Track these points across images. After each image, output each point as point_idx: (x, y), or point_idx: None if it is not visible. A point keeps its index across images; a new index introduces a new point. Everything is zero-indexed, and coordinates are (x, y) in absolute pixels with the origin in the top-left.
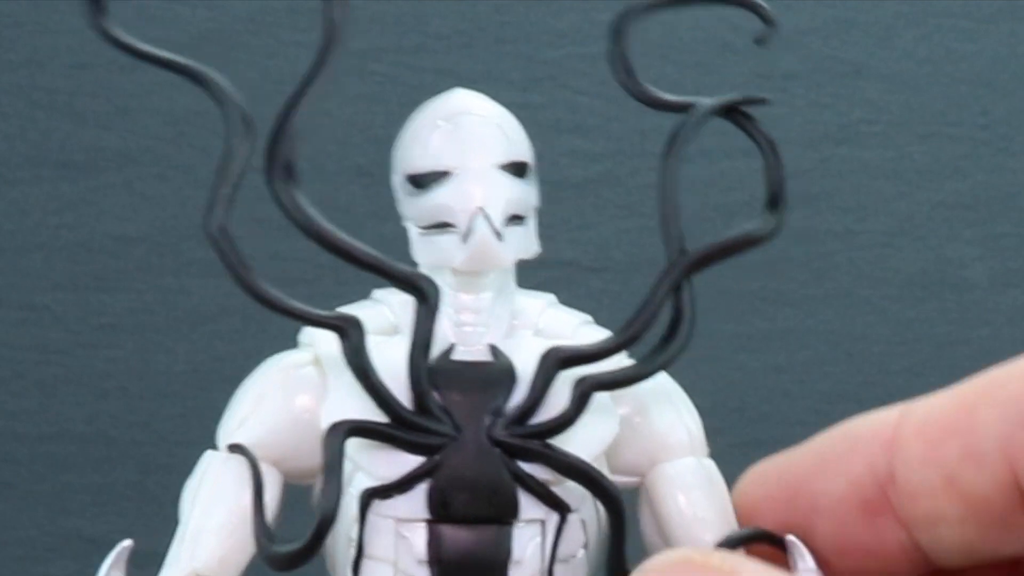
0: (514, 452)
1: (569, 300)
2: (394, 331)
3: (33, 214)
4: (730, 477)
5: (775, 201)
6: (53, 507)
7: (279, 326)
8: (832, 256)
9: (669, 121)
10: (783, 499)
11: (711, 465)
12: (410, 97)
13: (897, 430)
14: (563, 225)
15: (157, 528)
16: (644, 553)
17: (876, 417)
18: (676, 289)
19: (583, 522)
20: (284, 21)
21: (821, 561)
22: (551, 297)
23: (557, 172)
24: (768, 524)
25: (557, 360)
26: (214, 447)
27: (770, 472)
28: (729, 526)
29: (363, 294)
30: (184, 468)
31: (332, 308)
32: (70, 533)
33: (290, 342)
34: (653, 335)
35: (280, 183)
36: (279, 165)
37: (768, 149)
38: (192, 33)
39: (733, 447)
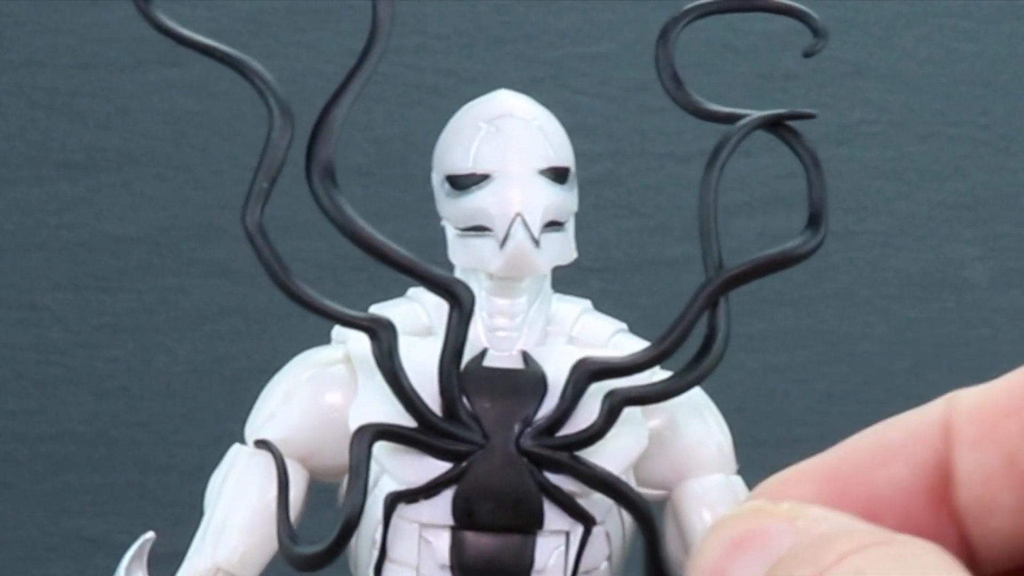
0: (541, 463)
1: None
2: (427, 332)
3: (33, 214)
4: None
5: (816, 219)
6: (53, 507)
7: (279, 326)
8: (832, 256)
9: (670, 122)
10: (828, 495)
11: (738, 482)
12: (410, 97)
13: (949, 415)
14: None
15: (157, 528)
16: (668, 566)
17: (924, 409)
18: (713, 304)
19: (608, 534)
20: (284, 21)
21: None
22: (587, 303)
23: None
24: None
25: (588, 372)
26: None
27: (806, 474)
28: None
29: (365, 294)
30: (184, 468)
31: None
32: (70, 533)
33: (291, 342)
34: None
35: (320, 183)
36: (319, 164)
37: (812, 166)
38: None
39: (733, 447)
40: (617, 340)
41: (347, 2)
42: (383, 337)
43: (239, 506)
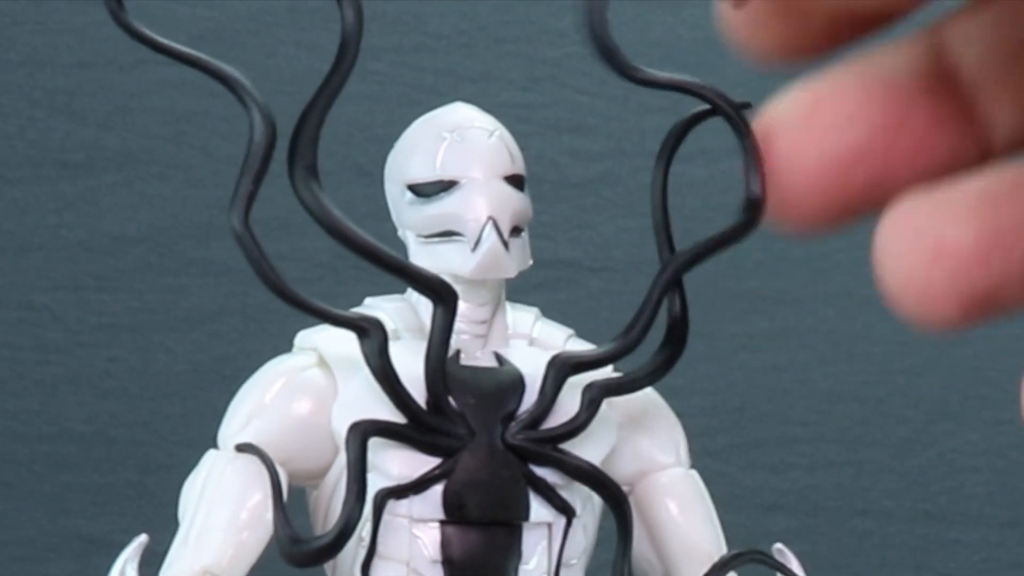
0: (527, 456)
1: (569, 300)
2: (394, 336)
3: (33, 214)
4: (730, 476)
5: (754, 202)
6: (53, 507)
7: (279, 326)
8: (832, 256)
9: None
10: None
11: (696, 475)
12: (410, 97)
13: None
14: (563, 225)
15: (157, 528)
16: (635, 566)
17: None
18: (675, 286)
19: (584, 528)
20: (284, 21)
21: None
22: (536, 310)
23: (557, 172)
24: None
25: (567, 366)
26: (215, 447)
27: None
28: (717, 532)
29: (365, 293)
30: (184, 468)
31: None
32: (70, 533)
33: (291, 342)
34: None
35: (303, 183)
36: (302, 165)
37: (751, 155)
38: (192, 33)
39: (733, 447)
40: (571, 343)
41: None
42: (374, 336)
43: (223, 510)
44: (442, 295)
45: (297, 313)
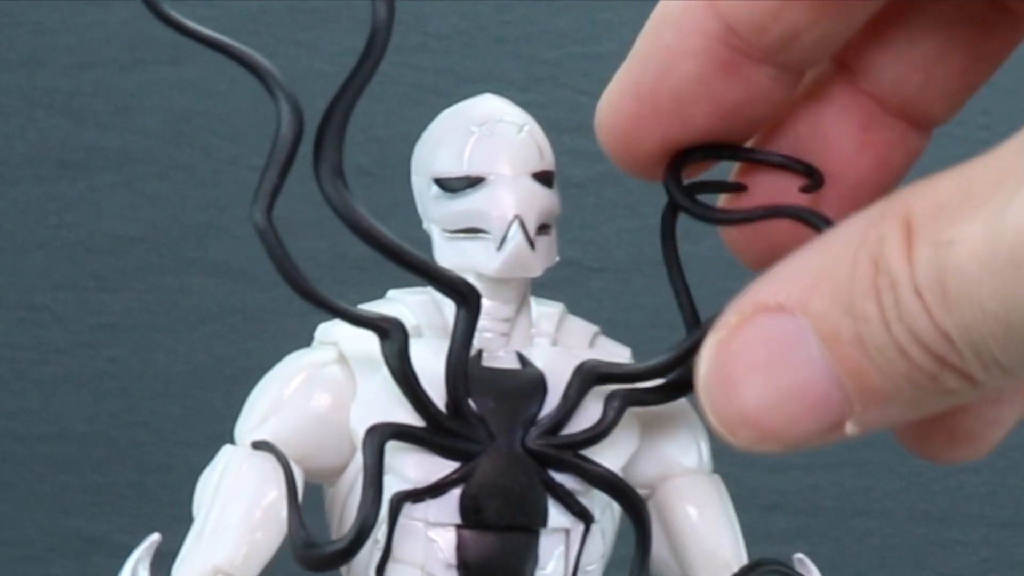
0: (547, 461)
1: (570, 300)
2: (416, 333)
3: (33, 214)
4: (729, 477)
5: None
6: (53, 507)
7: (279, 326)
8: None
9: None
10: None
11: (719, 480)
12: (410, 97)
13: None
14: (564, 225)
15: (157, 528)
16: (654, 569)
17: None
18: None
19: (603, 533)
20: (284, 21)
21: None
22: (561, 306)
23: (557, 172)
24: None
25: (595, 375)
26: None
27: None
28: (738, 538)
29: (365, 293)
30: (184, 468)
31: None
32: (70, 533)
33: (291, 342)
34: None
35: (329, 180)
36: (328, 161)
37: None
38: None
39: (733, 446)
40: (599, 343)
41: (347, 2)
42: (395, 337)
43: (237, 507)
44: (466, 297)
45: (298, 313)
